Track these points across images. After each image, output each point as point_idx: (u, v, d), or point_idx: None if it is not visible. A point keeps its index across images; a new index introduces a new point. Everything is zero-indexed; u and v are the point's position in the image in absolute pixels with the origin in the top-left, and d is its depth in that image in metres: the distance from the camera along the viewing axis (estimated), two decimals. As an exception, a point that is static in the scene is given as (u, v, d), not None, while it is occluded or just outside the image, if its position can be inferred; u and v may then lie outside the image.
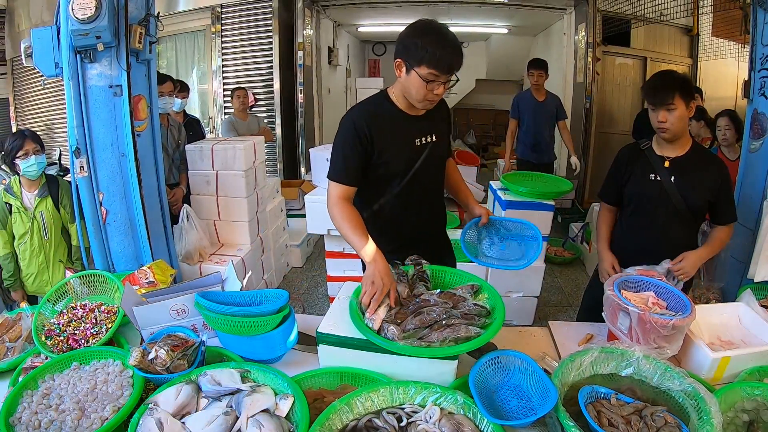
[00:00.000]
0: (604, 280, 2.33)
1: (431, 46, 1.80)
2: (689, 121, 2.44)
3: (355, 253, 1.96)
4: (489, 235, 2.32)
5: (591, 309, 2.46)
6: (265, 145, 4.99)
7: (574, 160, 5.40)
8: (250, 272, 2.42)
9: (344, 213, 1.98)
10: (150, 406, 1.48)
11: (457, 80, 1.94)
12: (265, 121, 6.54)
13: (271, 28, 6.73)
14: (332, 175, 2.04)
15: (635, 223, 2.44)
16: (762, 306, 2.15)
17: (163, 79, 3.81)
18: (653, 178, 2.32)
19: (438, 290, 1.88)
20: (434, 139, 2.12)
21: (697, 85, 6.79)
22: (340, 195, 2.01)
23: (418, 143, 2.08)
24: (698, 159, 2.28)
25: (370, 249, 1.87)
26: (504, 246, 2.28)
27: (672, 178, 2.28)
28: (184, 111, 4.73)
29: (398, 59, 1.91)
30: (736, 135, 3.92)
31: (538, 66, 5.40)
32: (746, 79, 3.10)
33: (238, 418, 1.45)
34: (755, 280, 2.60)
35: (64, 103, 2.63)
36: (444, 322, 1.67)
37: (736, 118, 3.95)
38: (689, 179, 2.26)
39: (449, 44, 1.84)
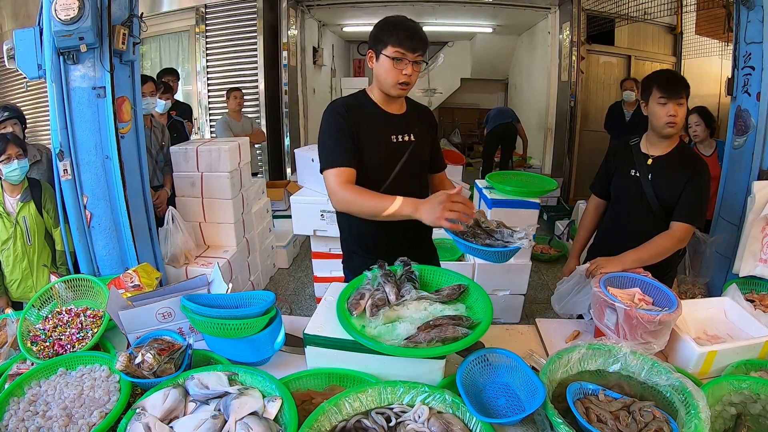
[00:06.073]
0: (566, 276, 2.47)
1: (394, 28, 1.95)
2: None
3: (340, 253, 1.91)
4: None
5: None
6: (257, 146, 4.95)
7: None
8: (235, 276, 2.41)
9: (352, 192, 1.91)
10: (137, 411, 1.47)
11: (428, 64, 2.00)
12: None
13: (255, 28, 6.72)
14: (328, 164, 1.98)
15: (615, 218, 2.51)
16: (747, 300, 2.18)
17: (144, 79, 3.78)
18: (633, 174, 2.37)
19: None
20: (413, 139, 2.12)
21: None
22: (341, 180, 1.94)
23: (395, 140, 2.09)
24: (680, 158, 2.30)
25: (402, 203, 1.80)
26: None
27: (649, 176, 2.32)
28: (168, 113, 4.69)
29: (369, 51, 2.04)
30: (708, 130, 3.98)
31: None
32: (729, 76, 3.13)
33: (226, 421, 1.44)
34: (740, 275, 2.62)
35: (47, 106, 2.61)
36: (431, 322, 1.67)
37: (705, 113, 4.00)
38: (665, 177, 2.29)
39: (410, 26, 1.96)
